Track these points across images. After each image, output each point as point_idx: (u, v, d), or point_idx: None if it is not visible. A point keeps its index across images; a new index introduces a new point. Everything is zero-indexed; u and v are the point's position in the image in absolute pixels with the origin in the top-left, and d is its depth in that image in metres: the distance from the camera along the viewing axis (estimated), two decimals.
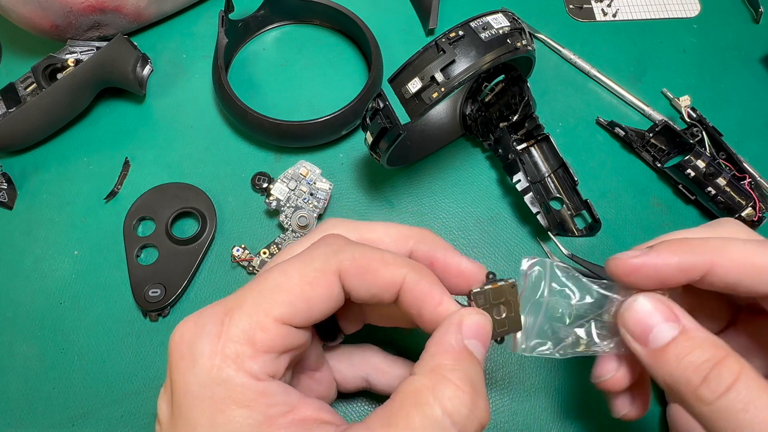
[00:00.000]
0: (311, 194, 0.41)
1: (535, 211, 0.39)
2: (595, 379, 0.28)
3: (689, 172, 0.40)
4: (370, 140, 0.36)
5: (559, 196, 0.42)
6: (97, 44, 0.45)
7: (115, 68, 0.43)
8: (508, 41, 0.32)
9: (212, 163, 0.44)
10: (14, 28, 0.45)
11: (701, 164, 0.40)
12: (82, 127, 0.46)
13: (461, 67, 0.31)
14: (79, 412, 0.36)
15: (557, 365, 0.37)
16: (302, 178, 0.41)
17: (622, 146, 0.45)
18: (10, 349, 0.38)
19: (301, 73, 0.48)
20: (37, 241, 0.42)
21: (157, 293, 0.38)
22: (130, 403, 0.37)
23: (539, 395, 0.36)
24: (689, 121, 0.43)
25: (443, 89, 0.31)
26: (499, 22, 0.33)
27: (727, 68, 0.49)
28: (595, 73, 0.48)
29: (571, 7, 0.52)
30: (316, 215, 0.40)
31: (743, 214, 0.40)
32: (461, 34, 0.32)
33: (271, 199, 0.40)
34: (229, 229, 0.42)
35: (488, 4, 0.51)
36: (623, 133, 0.44)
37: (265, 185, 0.43)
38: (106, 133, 0.46)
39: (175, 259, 0.39)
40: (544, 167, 0.42)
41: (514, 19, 0.34)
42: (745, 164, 0.42)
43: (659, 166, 0.43)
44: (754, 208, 0.40)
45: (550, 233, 0.40)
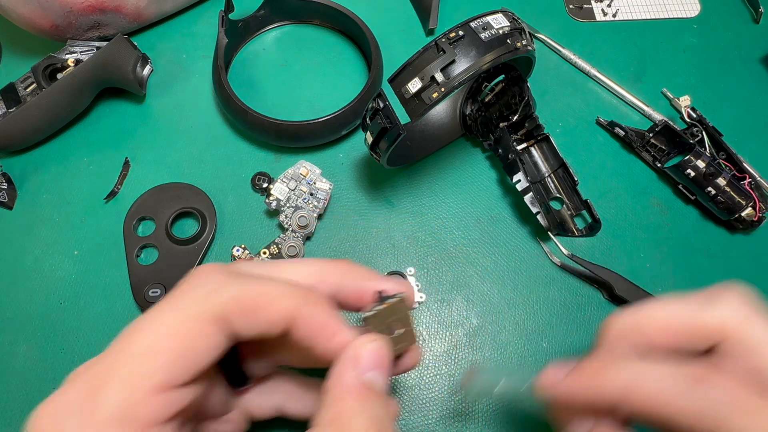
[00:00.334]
0: (311, 194, 0.41)
1: (535, 211, 0.39)
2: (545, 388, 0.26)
3: (689, 172, 0.40)
4: (370, 140, 0.36)
5: (559, 196, 0.42)
6: (97, 44, 0.45)
7: (115, 68, 0.43)
8: (508, 41, 0.32)
9: (212, 163, 0.44)
10: (14, 28, 0.45)
11: (701, 164, 0.40)
12: (82, 127, 0.46)
13: (461, 67, 0.31)
14: None
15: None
16: (302, 178, 0.41)
17: (622, 146, 0.45)
18: (10, 349, 0.38)
19: (301, 73, 0.48)
20: (37, 241, 0.42)
21: (157, 293, 0.38)
22: None
23: None
24: (689, 121, 0.43)
25: (443, 89, 0.31)
26: (499, 22, 0.33)
27: (727, 68, 0.49)
28: (595, 73, 0.48)
29: (571, 7, 0.52)
30: (316, 215, 0.40)
31: (743, 214, 0.40)
32: (461, 34, 0.32)
33: (271, 199, 0.40)
34: (229, 229, 0.42)
35: (488, 4, 0.51)
36: (623, 133, 0.44)
37: (265, 185, 0.43)
38: (106, 133, 0.46)
39: (175, 259, 0.39)
40: (544, 167, 0.42)
41: (514, 19, 0.34)
42: (745, 164, 0.42)
43: (659, 166, 0.43)
44: (754, 208, 0.40)
45: (550, 233, 0.40)
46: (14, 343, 0.38)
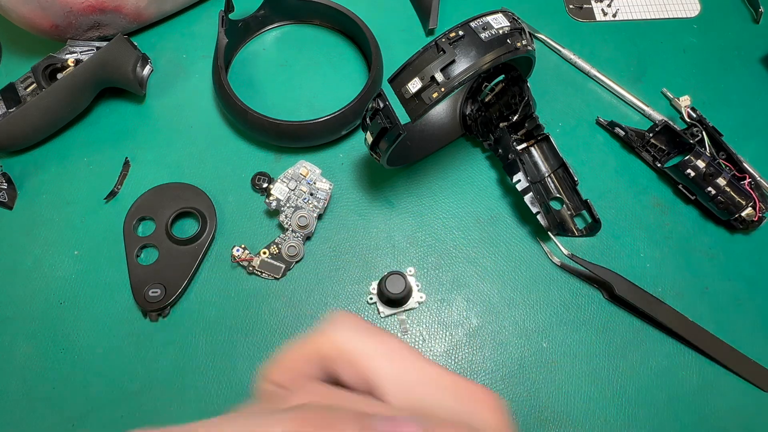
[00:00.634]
0: (311, 194, 0.40)
1: (535, 211, 0.39)
2: None
3: (689, 172, 0.40)
4: (370, 140, 0.36)
5: (559, 196, 0.42)
6: (97, 44, 0.45)
7: (115, 68, 0.43)
8: (508, 41, 0.32)
9: (212, 163, 0.44)
10: (14, 28, 0.45)
11: (701, 164, 0.40)
12: (82, 127, 0.46)
13: (461, 67, 0.31)
14: (79, 412, 0.36)
15: (559, 370, 0.37)
16: (302, 178, 0.41)
17: (622, 146, 0.45)
18: (10, 349, 0.38)
19: (301, 73, 0.48)
20: (37, 241, 0.42)
21: (157, 293, 0.38)
22: (130, 403, 0.37)
23: (539, 395, 0.36)
24: (689, 121, 0.43)
25: (443, 89, 0.31)
26: (499, 22, 0.33)
27: (727, 68, 0.49)
28: (595, 73, 0.48)
29: (571, 7, 0.52)
30: (316, 215, 0.40)
31: (743, 214, 0.40)
32: (461, 34, 0.32)
33: (271, 199, 0.40)
34: (229, 229, 0.42)
35: (488, 4, 0.51)
36: (623, 133, 0.44)
37: (265, 185, 0.43)
38: (106, 133, 0.46)
39: (175, 259, 0.39)
40: (544, 167, 0.42)
41: (514, 19, 0.34)
42: (745, 164, 0.42)
43: (659, 166, 0.43)
44: (754, 208, 0.40)
45: (550, 233, 0.40)
46: (14, 343, 0.38)
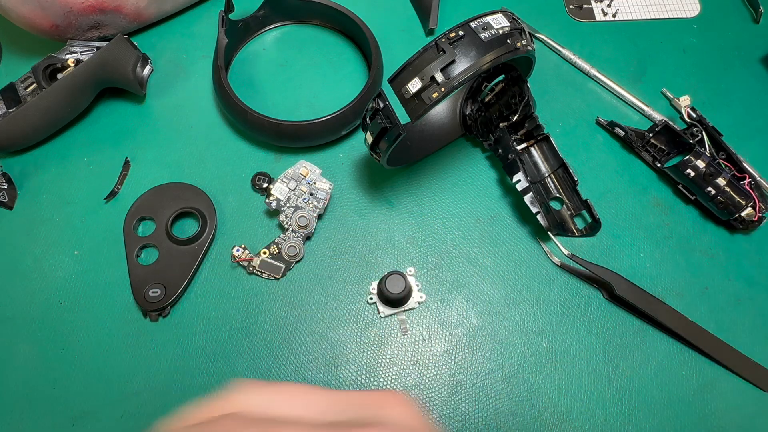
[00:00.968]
0: (311, 194, 0.41)
1: (535, 211, 0.39)
2: None
3: (689, 172, 0.40)
4: (370, 140, 0.36)
5: (559, 196, 0.42)
6: (97, 44, 0.45)
7: (115, 68, 0.43)
8: (508, 41, 0.32)
9: (212, 163, 0.44)
10: (14, 28, 0.45)
11: (701, 164, 0.40)
12: (82, 127, 0.46)
13: (461, 67, 0.31)
14: (79, 412, 0.36)
15: (559, 370, 0.37)
16: (302, 178, 0.41)
17: (622, 146, 0.45)
18: (10, 349, 0.38)
19: (301, 73, 0.48)
20: (37, 241, 0.42)
21: (157, 293, 0.38)
22: (130, 403, 0.37)
23: (539, 395, 0.36)
24: (689, 121, 0.43)
25: (443, 89, 0.31)
26: (499, 22, 0.33)
27: (727, 68, 0.49)
28: (595, 73, 0.48)
29: (571, 7, 0.52)
30: (316, 215, 0.40)
31: (743, 214, 0.40)
32: (461, 34, 0.32)
33: (271, 199, 0.40)
34: (229, 229, 0.42)
35: (488, 4, 0.51)
36: (623, 133, 0.44)
37: (265, 185, 0.43)
38: (106, 133, 0.46)
39: (175, 259, 0.39)
40: (544, 167, 0.42)
41: (514, 19, 0.34)
42: (745, 164, 0.42)
43: (659, 166, 0.43)
44: (753, 208, 0.40)
45: (550, 233, 0.40)
46: (14, 343, 0.38)
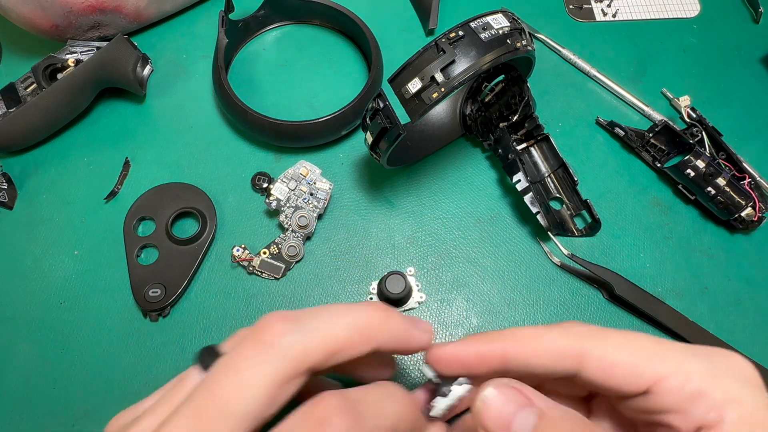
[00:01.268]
0: (311, 194, 0.41)
1: (535, 211, 0.39)
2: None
3: (689, 172, 0.40)
4: (370, 140, 0.36)
5: (559, 196, 0.42)
6: (97, 44, 0.45)
7: (115, 68, 0.43)
8: (508, 41, 0.32)
9: (212, 163, 0.44)
10: (14, 28, 0.45)
11: (701, 164, 0.40)
12: (82, 127, 0.46)
13: (461, 67, 0.31)
14: (79, 412, 0.36)
15: None
16: (302, 178, 0.41)
17: (622, 146, 0.45)
18: (10, 349, 0.38)
19: (301, 73, 0.48)
20: (37, 241, 0.42)
21: (157, 293, 0.38)
22: (130, 403, 0.36)
23: None
24: (689, 121, 0.43)
25: (443, 89, 0.31)
26: (499, 22, 0.33)
27: (727, 68, 0.49)
28: (595, 73, 0.48)
29: (571, 7, 0.52)
30: (316, 215, 0.40)
31: (743, 214, 0.40)
32: (461, 34, 0.32)
33: (271, 199, 0.40)
34: (229, 229, 0.42)
35: (488, 4, 0.51)
36: (623, 133, 0.44)
37: (265, 185, 0.43)
38: (106, 133, 0.46)
39: (175, 259, 0.39)
40: (544, 167, 0.42)
41: (514, 19, 0.34)
42: (744, 164, 0.42)
43: (659, 166, 0.43)
44: (753, 208, 0.40)
45: (550, 233, 0.40)
46: (14, 343, 0.38)
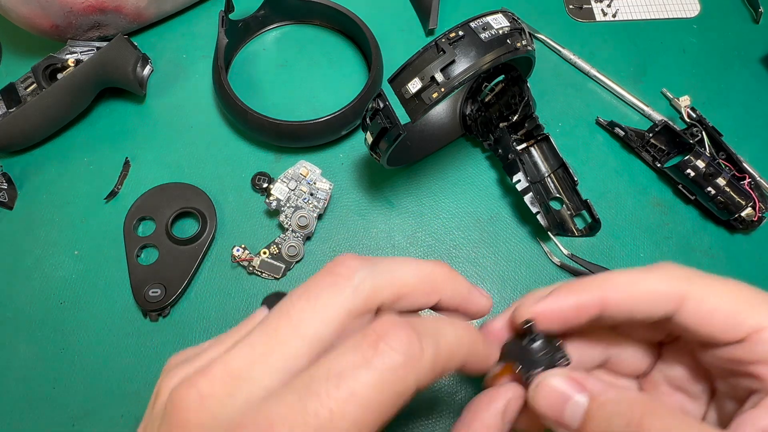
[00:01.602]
0: (311, 194, 0.41)
1: (535, 211, 0.39)
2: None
3: (689, 172, 0.40)
4: (370, 140, 0.36)
5: (559, 196, 0.42)
6: (97, 44, 0.45)
7: (115, 68, 0.43)
8: (508, 41, 0.32)
9: (212, 163, 0.44)
10: (14, 28, 0.45)
11: (701, 164, 0.40)
12: (82, 127, 0.46)
13: (461, 67, 0.31)
14: (79, 412, 0.36)
15: None
16: (302, 178, 0.41)
17: (622, 146, 0.45)
18: (10, 349, 0.38)
19: (301, 73, 0.48)
20: (37, 241, 0.42)
21: (157, 293, 0.38)
22: (130, 403, 0.37)
23: None
24: (689, 121, 0.43)
25: (443, 89, 0.31)
26: (499, 22, 0.33)
27: (727, 68, 0.49)
28: (595, 73, 0.48)
29: (571, 7, 0.52)
30: (316, 215, 0.40)
31: (743, 214, 0.40)
32: (461, 34, 0.32)
33: (271, 199, 0.40)
34: (229, 229, 0.42)
35: (488, 4, 0.51)
36: (623, 133, 0.44)
37: (265, 185, 0.43)
38: (106, 133, 0.46)
39: (175, 259, 0.39)
40: (544, 167, 0.42)
41: (514, 19, 0.34)
42: (744, 164, 0.42)
43: (659, 166, 0.43)
44: (753, 208, 0.40)
45: (550, 233, 0.40)
46: (14, 343, 0.38)
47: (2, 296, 0.40)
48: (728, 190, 0.40)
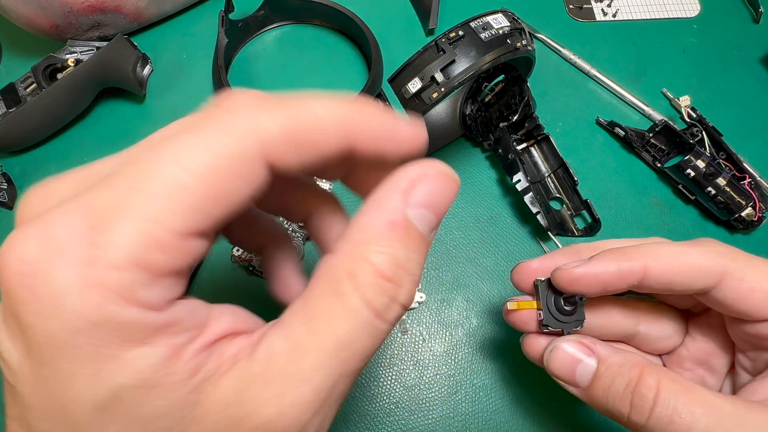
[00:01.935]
0: None
1: (535, 211, 0.39)
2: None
3: (689, 172, 0.40)
4: None
5: (559, 196, 0.42)
6: (97, 44, 0.45)
7: (115, 68, 0.43)
8: (508, 41, 0.32)
9: None
10: (14, 28, 0.45)
11: (701, 164, 0.40)
12: (82, 127, 0.46)
13: (461, 67, 0.31)
14: None
15: None
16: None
17: (622, 146, 0.45)
18: None
19: (301, 73, 0.48)
20: None
21: None
22: None
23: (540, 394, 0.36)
24: (689, 121, 0.43)
25: (443, 89, 0.31)
26: (499, 22, 0.33)
27: (727, 68, 0.49)
28: (595, 73, 0.48)
29: (571, 7, 0.52)
30: None
31: (743, 214, 0.40)
32: (461, 34, 0.32)
33: None
34: None
35: (488, 4, 0.51)
36: (623, 133, 0.44)
37: None
38: (106, 133, 0.46)
39: None
40: (544, 167, 0.42)
41: (514, 19, 0.34)
42: (745, 164, 0.42)
43: (659, 166, 0.43)
44: (753, 208, 0.40)
45: (550, 233, 0.40)
46: None
47: None
48: (728, 190, 0.40)
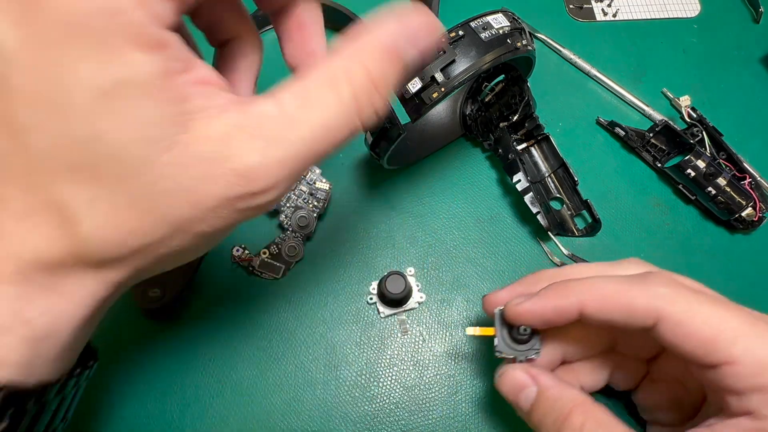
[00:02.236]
0: (311, 194, 0.40)
1: (535, 211, 0.39)
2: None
3: (689, 172, 0.40)
4: (370, 140, 0.36)
5: (559, 196, 0.42)
6: None
7: None
8: (508, 41, 0.32)
9: None
10: None
11: (701, 164, 0.40)
12: None
13: (461, 67, 0.31)
14: (79, 411, 0.36)
15: None
16: (302, 178, 0.41)
17: (622, 146, 0.45)
18: None
19: None
20: None
21: (157, 293, 0.38)
22: (130, 403, 0.37)
23: None
24: (689, 121, 0.43)
25: (443, 89, 0.31)
26: (499, 22, 0.33)
27: (727, 68, 0.49)
28: (595, 73, 0.48)
29: (571, 7, 0.52)
30: (316, 215, 0.40)
31: (743, 214, 0.40)
32: (461, 34, 0.32)
33: None
34: None
35: (488, 4, 0.51)
36: (623, 133, 0.44)
37: None
38: None
39: None
40: (544, 167, 0.42)
41: (514, 19, 0.34)
42: (745, 164, 0.42)
43: (659, 166, 0.43)
44: (754, 208, 0.40)
45: (550, 233, 0.40)
46: None
47: None
48: (729, 190, 0.40)
